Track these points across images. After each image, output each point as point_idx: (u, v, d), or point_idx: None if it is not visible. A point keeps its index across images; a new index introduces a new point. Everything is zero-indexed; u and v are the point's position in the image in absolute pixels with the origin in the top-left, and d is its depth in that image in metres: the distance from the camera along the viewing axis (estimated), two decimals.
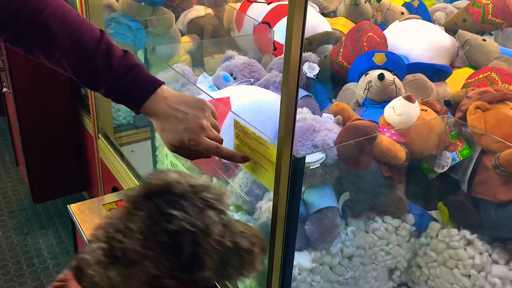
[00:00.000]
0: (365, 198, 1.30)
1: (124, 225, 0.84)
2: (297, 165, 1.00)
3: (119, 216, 0.86)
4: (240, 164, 1.22)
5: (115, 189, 2.14)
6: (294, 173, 1.01)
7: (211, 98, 1.41)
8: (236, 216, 1.34)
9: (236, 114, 1.20)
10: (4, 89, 2.89)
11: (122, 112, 2.41)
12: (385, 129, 1.28)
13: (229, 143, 1.25)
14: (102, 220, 0.91)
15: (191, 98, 1.08)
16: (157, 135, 1.76)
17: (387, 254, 1.38)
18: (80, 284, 0.88)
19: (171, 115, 1.04)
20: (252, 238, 0.95)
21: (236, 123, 1.16)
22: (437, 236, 1.39)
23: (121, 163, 2.04)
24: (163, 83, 1.08)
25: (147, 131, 2.31)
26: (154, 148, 1.79)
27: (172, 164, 1.62)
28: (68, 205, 1.65)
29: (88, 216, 1.64)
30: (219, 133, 1.11)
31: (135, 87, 1.06)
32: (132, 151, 2.30)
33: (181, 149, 1.08)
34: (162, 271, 0.81)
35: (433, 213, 1.41)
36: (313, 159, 1.12)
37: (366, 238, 1.31)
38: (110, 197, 1.73)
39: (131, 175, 1.95)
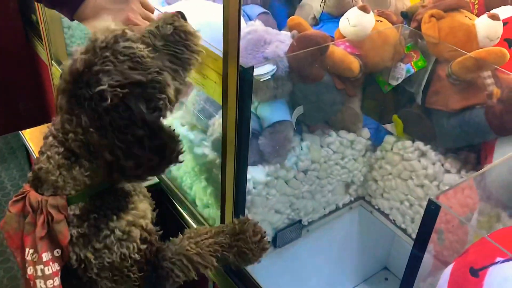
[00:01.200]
0: (319, 112, 1.29)
1: (70, 125, 0.83)
2: (245, 75, 0.98)
3: (61, 121, 0.85)
4: (191, 80, 1.18)
5: None
6: (243, 85, 0.98)
7: (160, 13, 1.35)
8: (191, 135, 1.33)
9: None
10: None
11: (76, 38, 2.30)
12: (339, 41, 1.25)
13: None
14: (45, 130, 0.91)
15: None
16: None
17: (343, 168, 1.40)
18: (39, 192, 0.89)
19: (99, 16, 1.01)
20: (167, 20, 0.91)
21: None
22: (392, 149, 1.40)
23: None
24: None
25: None
26: None
27: None
28: (20, 131, 1.60)
29: (42, 141, 1.59)
30: None
31: None
32: None
33: None
34: (118, 155, 0.81)
35: (388, 127, 1.42)
36: (263, 71, 1.09)
37: (321, 152, 1.31)
38: None
39: None
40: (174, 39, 0.89)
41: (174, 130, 0.87)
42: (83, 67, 0.80)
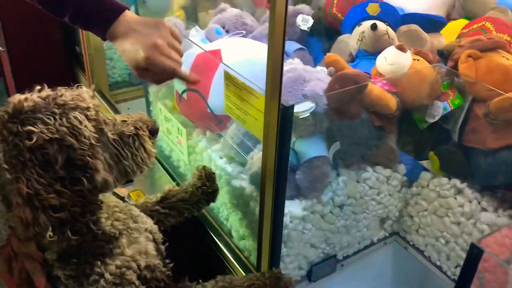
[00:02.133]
0: (356, 147, 1.31)
1: None
2: (286, 113, 1.01)
3: None
4: (231, 115, 1.22)
5: None
6: (283, 122, 1.01)
7: (202, 51, 1.41)
8: (229, 167, 1.36)
9: (226, 65, 1.20)
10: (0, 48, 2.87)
11: (117, 70, 2.39)
12: (376, 79, 1.28)
13: (221, 95, 1.25)
14: None
15: (149, 19, 1.07)
16: (151, 90, 1.76)
17: (379, 204, 1.40)
18: (16, 236, 0.92)
19: (129, 35, 1.03)
20: (136, 123, 0.94)
21: (225, 73, 1.16)
22: (428, 185, 1.40)
23: None
24: (127, 8, 1.08)
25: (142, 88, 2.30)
26: (148, 103, 1.78)
27: (166, 118, 1.62)
28: None
29: None
30: (180, 55, 1.10)
31: (99, 13, 1.05)
32: (128, 108, 2.29)
33: (142, 70, 1.06)
34: (38, 189, 0.78)
35: (424, 163, 1.42)
36: (303, 108, 1.12)
37: (357, 187, 1.32)
38: None
39: None
40: (128, 142, 0.91)
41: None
42: (29, 108, 0.81)
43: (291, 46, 1.64)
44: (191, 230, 1.47)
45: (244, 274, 1.29)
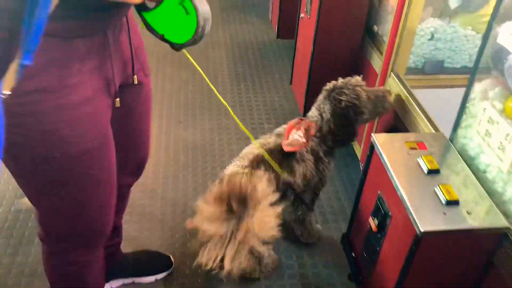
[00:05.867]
0: None
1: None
2: None
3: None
4: None
5: (395, 127, 1.96)
6: None
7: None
8: None
9: None
10: (302, 15, 2.87)
11: (413, 56, 2.16)
12: None
13: None
14: None
15: None
16: (477, 87, 1.47)
17: None
18: None
19: None
20: (379, 90, 1.81)
21: None
22: None
23: (413, 103, 1.83)
24: None
25: (437, 79, 2.05)
26: (465, 99, 1.51)
27: (489, 120, 1.35)
28: (372, 134, 1.52)
29: (387, 146, 1.49)
30: None
31: None
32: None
33: None
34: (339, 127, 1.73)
35: None
36: None
37: None
38: (412, 136, 1.55)
39: (423, 117, 1.73)
40: (379, 97, 1.77)
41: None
42: (339, 86, 1.74)
43: None
44: None
45: None
